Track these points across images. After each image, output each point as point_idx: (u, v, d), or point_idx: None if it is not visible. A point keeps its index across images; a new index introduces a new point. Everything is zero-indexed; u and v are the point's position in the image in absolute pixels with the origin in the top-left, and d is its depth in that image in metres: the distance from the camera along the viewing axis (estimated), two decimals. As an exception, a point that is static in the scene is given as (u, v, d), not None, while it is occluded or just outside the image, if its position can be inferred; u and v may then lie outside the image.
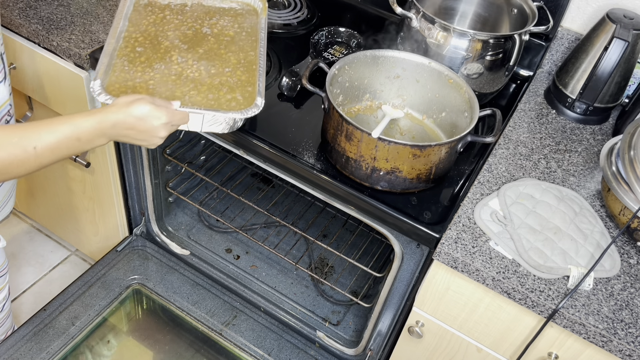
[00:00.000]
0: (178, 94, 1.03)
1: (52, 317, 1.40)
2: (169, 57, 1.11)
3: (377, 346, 1.34)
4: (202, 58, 1.12)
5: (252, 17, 1.25)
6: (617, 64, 1.18)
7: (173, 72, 1.08)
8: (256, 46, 1.17)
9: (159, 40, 1.14)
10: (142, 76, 1.05)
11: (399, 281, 1.16)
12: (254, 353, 1.42)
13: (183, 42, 1.15)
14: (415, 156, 0.97)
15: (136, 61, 1.07)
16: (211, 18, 1.23)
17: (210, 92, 1.05)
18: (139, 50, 1.10)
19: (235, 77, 1.10)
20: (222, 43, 1.17)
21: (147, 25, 1.17)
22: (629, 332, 0.89)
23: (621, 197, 0.98)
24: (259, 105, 1.02)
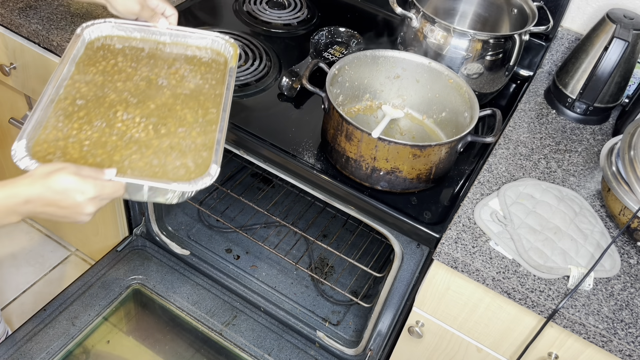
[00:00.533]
0: (116, 158, 0.88)
1: (52, 317, 1.40)
2: (113, 112, 0.95)
3: (377, 346, 1.34)
4: (152, 115, 0.96)
5: (220, 67, 1.09)
6: (617, 64, 1.18)
7: (115, 132, 0.92)
8: (219, 102, 1.01)
9: (104, 92, 0.98)
10: (77, 135, 0.89)
11: (399, 281, 1.16)
12: (254, 353, 1.41)
13: (133, 94, 0.99)
14: (415, 156, 0.97)
15: (73, 116, 0.92)
16: (170, 66, 1.06)
17: (156, 156, 0.90)
18: (79, 103, 0.95)
19: (189, 140, 0.94)
20: (180, 97, 1.01)
21: (95, 73, 1.01)
22: (629, 332, 0.89)
23: (621, 197, 0.98)
24: (213, 174, 0.87)
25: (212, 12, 1.45)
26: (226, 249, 1.64)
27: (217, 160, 0.89)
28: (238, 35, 1.35)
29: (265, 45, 1.34)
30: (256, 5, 1.47)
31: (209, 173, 0.87)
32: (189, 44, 1.10)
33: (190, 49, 1.09)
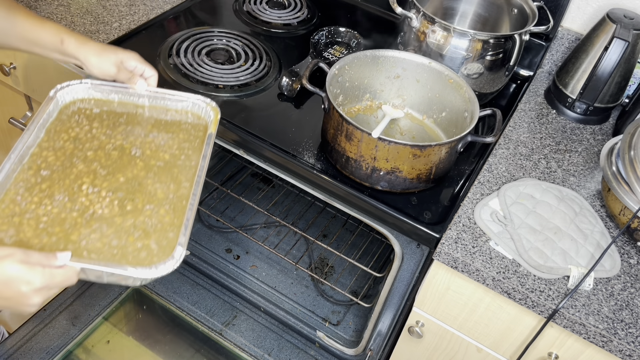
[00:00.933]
0: (74, 237, 0.82)
1: (52, 317, 1.40)
2: (78, 185, 0.89)
3: (377, 346, 1.34)
4: (120, 189, 0.90)
5: (199, 133, 1.02)
6: (617, 64, 1.18)
7: (77, 207, 0.86)
8: (193, 176, 0.94)
9: (72, 162, 0.92)
10: (35, 210, 0.83)
11: (399, 281, 1.16)
12: (254, 353, 1.42)
13: (103, 165, 0.93)
14: (416, 156, 0.97)
15: (35, 189, 0.86)
16: (147, 134, 1.00)
17: (117, 236, 0.83)
18: (43, 174, 0.89)
19: (156, 219, 0.87)
20: (152, 170, 0.94)
21: (66, 140, 0.95)
22: (629, 332, 0.89)
23: (621, 197, 0.98)
24: (177, 258, 0.80)
25: (212, 12, 1.45)
26: (226, 249, 1.64)
27: (183, 242, 0.82)
28: (238, 35, 1.35)
29: (265, 45, 1.34)
30: (256, 5, 1.47)
31: (173, 256, 0.80)
32: (169, 107, 1.04)
33: (170, 113, 1.03)
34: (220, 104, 1.16)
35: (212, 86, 1.19)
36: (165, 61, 1.23)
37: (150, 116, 1.02)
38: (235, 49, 1.30)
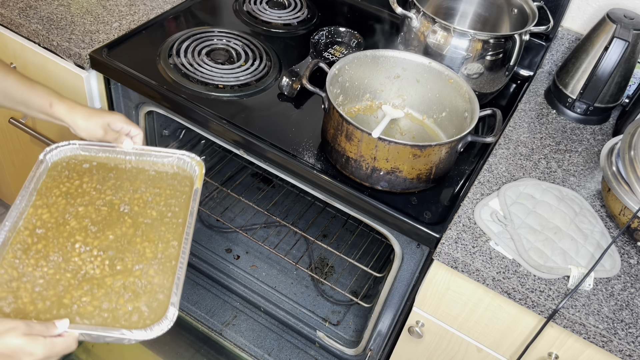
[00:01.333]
0: (66, 301, 0.84)
1: (52, 317, 1.40)
2: (71, 244, 0.92)
3: (377, 346, 1.34)
4: (110, 248, 0.93)
5: (185, 188, 1.04)
6: (617, 64, 1.18)
7: (70, 267, 0.89)
8: (182, 232, 0.96)
9: (65, 219, 0.94)
10: (32, 272, 0.87)
11: (399, 281, 1.16)
12: (254, 353, 1.42)
13: (94, 222, 0.96)
14: (416, 156, 0.97)
15: (31, 250, 0.89)
16: (135, 190, 1.02)
17: (107, 299, 0.86)
18: (38, 232, 0.92)
19: (145, 279, 0.90)
20: (140, 227, 0.97)
21: (57, 196, 0.97)
22: (629, 332, 0.89)
23: (621, 197, 0.98)
24: (170, 318, 0.83)
25: (212, 12, 1.45)
26: (226, 249, 1.64)
27: (175, 302, 0.85)
28: (238, 35, 1.35)
29: (265, 45, 1.34)
30: (256, 5, 1.47)
31: (167, 317, 0.83)
32: (155, 162, 1.06)
33: (156, 167, 1.06)
34: (221, 104, 1.17)
35: (212, 86, 1.19)
36: (165, 61, 1.23)
37: (138, 172, 1.05)
38: (235, 49, 1.30)
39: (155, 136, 1.40)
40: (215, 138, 1.20)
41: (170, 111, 1.22)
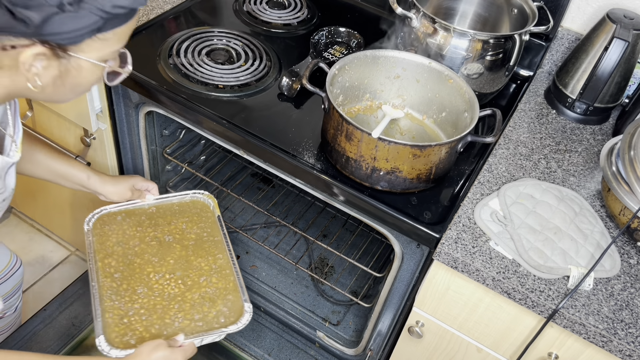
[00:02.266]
0: (167, 321, 1.05)
1: (52, 317, 1.40)
2: (146, 275, 1.12)
3: (377, 346, 1.34)
4: (175, 269, 1.14)
5: (207, 215, 1.26)
6: (617, 64, 1.18)
7: (156, 293, 1.09)
8: (223, 248, 1.19)
9: (130, 260, 1.14)
10: (132, 306, 1.06)
11: (399, 281, 1.16)
12: (254, 353, 1.42)
13: (152, 254, 1.16)
14: (416, 156, 0.97)
15: (120, 291, 1.08)
16: (169, 223, 1.23)
17: (195, 310, 1.07)
18: (116, 276, 1.11)
19: (212, 287, 1.12)
20: (189, 248, 1.18)
21: (112, 246, 1.16)
22: (629, 332, 0.89)
23: (621, 197, 0.98)
24: (249, 311, 1.08)
25: (212, 12, 1.45)
26: (226, 249, 1.64)
27: (247, 299, 1.10)
28: (238, 35, 1.35)
29: (265, 45, 1.34)
30: (256, 5, 1.47)
31: (247, 310, 1.08)
32: (174, 202, 1.27)
33: (177, 206, 1.27)
34: (221, 104, 1.17)
35: (212, 86, 1.20)
36: (165, 61, 1.23)
37: (164, 210, 1.26)
38: (235, 49, 1.30)
39: (155, 136, 1.40)
40: (215, 138, 1.20)
41: (170, 111, 1.22)
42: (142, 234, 1.20)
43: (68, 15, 0.63)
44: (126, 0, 0.66)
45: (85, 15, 0.64)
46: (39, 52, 0.66)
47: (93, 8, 0.64)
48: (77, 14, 0.63)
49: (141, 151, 1.40)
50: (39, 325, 1.37)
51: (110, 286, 1.09)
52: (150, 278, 1.12)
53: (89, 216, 1.20)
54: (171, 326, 1.04)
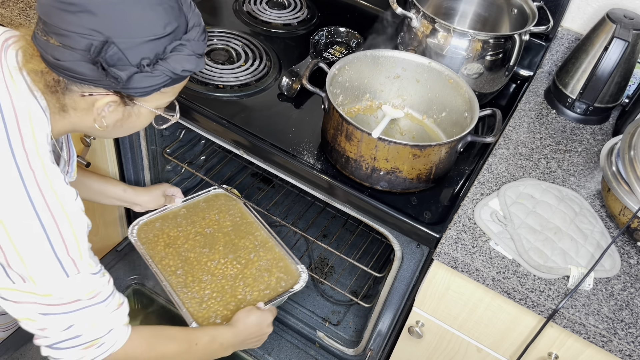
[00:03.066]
0: (240, 296, 1.24)
1: (52, 317, 1.40)
2: (204, 264, 1.29)
3: (377, 346, 1.34)
4: (226, 253, 1.31)
5: (232, 203, 1.44)
6: (617, 64, 1.18)
7: (219, 277, 1.27)
8: (258, 227, 1.38)
9: (184, 256, 1.31)
10: (204, 293, 1.24)
11: (399, 281, 1.16)
12: (254, 353, 1.41)
13: (202, 247, 1.33)
14: (415, 156, 0.97)
15: (188, 283, 1.25)
16: (203, 218, 1.39)
17: (258, 282, 1.26)
18: (179, 273, 1.27)
19: (263, 259, 1.31)
20: (230, 234, 1.36)
21: (163, 249, 1.32)
22: (629, 332, 0.89)
23: (621, 197, 0.98)
24: (304, 270, 1.28)
25: (212, 12, 1.45)
26: (226, 249, 1.64)
27: (297, 261, 1.30)
28: (238, 35, 1.35)
29: (265, 45, 1.34)
30: (256, 5, 1.47)
31: (301, 270, 1.29)
32: (200, 200, 1.44)
33: (205, 202, 1.44)
34: (221, 104, 1.17)
35: (212, 86, 1.20)
36: (165, 61, 1.23)
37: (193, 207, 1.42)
38: (235, 49, 1.30)
39: (155, 136, 1.40)
40: (215, 138, 1.20)
41: (170, 111, 1.22)
42: (185, 232, 1.35)
43: (145, 74, 0.74)
44: (192, 65, 0.78)
45: (159, 75, 0.75)
46: (112, 100, 0.77)
47: (165, 70, 0.76)
48: (152, 74, 0.75)
49: (141, 151, 1.39)
50: (39, 325, 1.37)
51: (177, 282, 1.24)
52: (208, 266, 1.28)
53: (129, 228, 1.34)
54: (244, 301, 1.21)
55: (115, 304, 0.85)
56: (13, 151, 0.72)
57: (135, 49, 0.72)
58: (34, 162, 0.73)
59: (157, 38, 0.73)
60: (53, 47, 0.72)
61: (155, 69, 0.75)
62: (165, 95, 0.82)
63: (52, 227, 0.73)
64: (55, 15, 0.70)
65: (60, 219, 0.74)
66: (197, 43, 0.78)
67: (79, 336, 0.80)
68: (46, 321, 0.78)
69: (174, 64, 0.76)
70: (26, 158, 0.72)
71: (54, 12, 0.70)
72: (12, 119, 0.73)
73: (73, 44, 0.71)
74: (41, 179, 0.73)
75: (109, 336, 0.84)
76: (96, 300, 0.81)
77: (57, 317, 0.78)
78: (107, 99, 0.77)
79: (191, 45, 0.77)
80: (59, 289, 0.76)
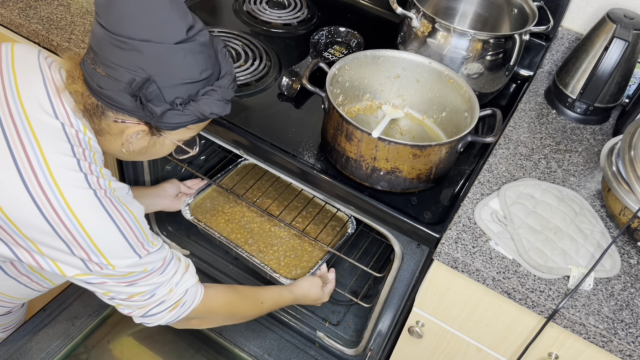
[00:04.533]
0: (309, 249, 1.42)
1: (52, 317, 1.40)
2: (268, 230, 1.45)
3: (377, 346, 1.34)
4: (283, 216, 1.44)
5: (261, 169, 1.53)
6: (617, 64, 1.18)
7: (286, 238, 1.43)
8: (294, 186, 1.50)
9: (248, 227, 1.45)
10: (279, 255, 1.40)
11: (399, 281, 1.16)
12: (254, 353, 1.42)
13: (260, 215, 1.48)
14: (416, 156, 0.97)
15: (262, 249, 1.41)
16: (246, 188, 1.52)
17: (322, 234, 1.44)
18: (250, 242, 1.42)
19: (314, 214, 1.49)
20: (282, 195, 1.52)
21: (224, 225, 1.45)
22: (629, 332, 0.89)
23: (621, 197, 0.98)
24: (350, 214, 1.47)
25: (212, 11, 1.45)
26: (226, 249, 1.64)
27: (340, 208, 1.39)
28: (238, 34, 1.35)
29: (265, 45, 1.34)
30: (256, 5, 1.47)
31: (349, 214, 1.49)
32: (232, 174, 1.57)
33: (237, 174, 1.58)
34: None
35: (212, 86, 1.19)
36: (165, 61, 1.23)
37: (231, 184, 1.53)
38: (235, 49, 1.30)
39: (155, 136, 1.40)
40: (215, 138, 1.20)
41: (170, 111, 1.22)
42: (239, 206, 1.48)
43: (176, 112, 0.82)
44: (220, 109, 0.84)
45: (188, 114, 0.83)
46: (141, 130, 0.85)
47: (195, 111, 0.83)
48: (183, 112, 0.82)
49: (141, 151, 1.39)
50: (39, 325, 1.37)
51: (252, 250, 1.39)
52: (274, 231, 1.43)
53: (182, 209, 1.43)
54: (314, 252, 1.40)
55: (183, 267, 0.96)
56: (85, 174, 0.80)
57: (172, 89, 0.79)
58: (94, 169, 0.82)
59: (193, 82, 0.81)
60: (99, 75, 0.79)
61: (186, 108, 0.82)
62: (189, 131, 0.90)
63: (120, 219, 0.82)
64: (106, 49, 0.77)
65: (123, 211, 0.83)
66: (226, 90, 0.85)
67: (163, 302, 0.93)
68: (130, 295, 0.90)
69: (204, 106, 0.83)
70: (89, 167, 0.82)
71: (107, 45, 0.77)
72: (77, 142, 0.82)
73: (118, 76, 0.78)
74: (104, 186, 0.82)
75: (187, 295, 0.96)
76: (167, 269, 0.91)
77: (139, 289, 0.89)
78: (137, 128, 0.84)
79: (221, 92, 0.84)
80: (135, 268, 0.86)
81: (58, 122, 0.81)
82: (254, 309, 1.15)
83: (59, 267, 0.82)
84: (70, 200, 0.77)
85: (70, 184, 0.78)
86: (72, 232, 0.78)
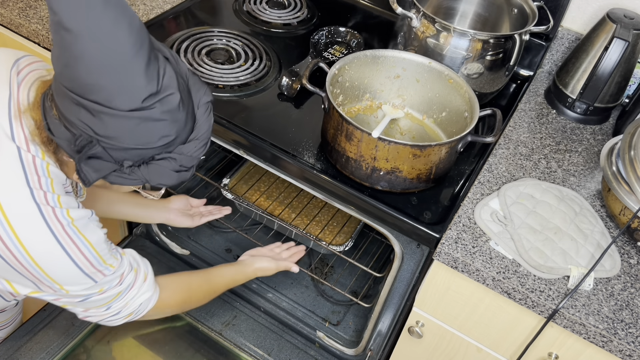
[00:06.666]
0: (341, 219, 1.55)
1: (52, 317, 1.40)
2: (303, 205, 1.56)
3: (377, 346, 1.34)
4: None
5: None
6: (617, 64, 1.18)
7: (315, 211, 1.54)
8: None
9: (285, 203, 1.55)
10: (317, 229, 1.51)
11: (399, 281, 1.16)
12: (254, 353, 1.41)
13: (296, 190, 1.57)
14: (416, 156, 0.97)
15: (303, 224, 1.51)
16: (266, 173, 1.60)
17: None
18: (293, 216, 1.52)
19: None
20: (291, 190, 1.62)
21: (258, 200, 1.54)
22: (629, 332, 0.89)
23: (621, 197, 0.98)
24: None
25: (212, 12, 1.45)
26: (226, 248, 1.64)
27: None
28: (238, 34, 1.35)
29: (265, 45, 1.34)
30: (256, 5, 1.47)
31: None
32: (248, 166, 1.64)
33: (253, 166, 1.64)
34: (221, 103, 1.16)
35: (212, 86, 1.19)
36: (165, 61, 1.23)
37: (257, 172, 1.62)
38: (235, 49, 1.30)
39: (155, 136, 1.40)
40: (215, 138, 1.19)
41: (170, 111, 1.22)
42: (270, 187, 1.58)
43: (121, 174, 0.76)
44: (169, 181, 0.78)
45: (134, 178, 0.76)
46: None
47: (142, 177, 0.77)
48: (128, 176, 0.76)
49: (141, 151, 1.39)
50: (39, 325, 1.37)
51: (297, 223, 1.49)
52: (314, 203, 1.54)
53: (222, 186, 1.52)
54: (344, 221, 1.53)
55: (141, 278, 0.95)
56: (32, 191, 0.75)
57: (121, 151, 0.73)
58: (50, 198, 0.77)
59: (148, 148, 0.73)
60: (52, 117, 0.74)
61: (133, 172, 0.75)
62: None
63: (73, 250, 0.79)
64: (62, 98, 0.71)
65: (79, 241, 0.80)
66: (188, 157, 0.78)
67: (118, 312, 0.94)
68: (86, 310, 0.92)
69: (153, 175, 0.76)
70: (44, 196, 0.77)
71: (63, 95, 0.71)
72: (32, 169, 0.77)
73: (68, 125, 0.72)
74: (58, 211, 0.77)
75: (142, 306, 0.97)
76: (123, 282, 0.91)
77: (94, 304, 0.90)
78: None
79: (181, 159, 0.77)
80: (90, 290, 0.86)
81: (14, 145, 0.75)
82: (207, 298, 1.18)
83: (13, 286, 0.82)
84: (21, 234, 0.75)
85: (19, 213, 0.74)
86: (23, 263, 0.77)
